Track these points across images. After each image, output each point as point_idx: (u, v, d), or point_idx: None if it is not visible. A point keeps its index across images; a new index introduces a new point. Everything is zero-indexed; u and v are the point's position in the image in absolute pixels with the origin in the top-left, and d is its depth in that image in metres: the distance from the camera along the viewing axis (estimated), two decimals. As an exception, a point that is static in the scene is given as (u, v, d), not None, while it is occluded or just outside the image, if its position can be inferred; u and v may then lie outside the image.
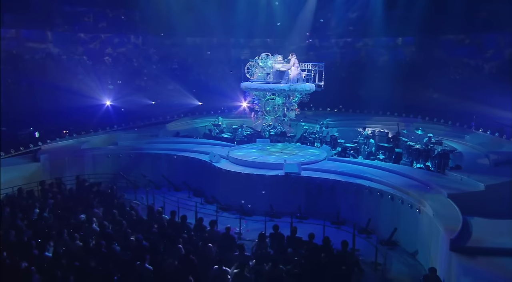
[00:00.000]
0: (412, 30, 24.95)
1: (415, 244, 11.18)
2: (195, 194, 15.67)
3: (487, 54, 26.25)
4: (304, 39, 27.45)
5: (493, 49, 26.14)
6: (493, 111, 19.65)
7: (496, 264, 8.08)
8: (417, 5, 23.51)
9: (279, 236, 10.35)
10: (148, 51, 32.15)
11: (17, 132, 19.98)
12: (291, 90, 14.96)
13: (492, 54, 26.09)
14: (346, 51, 28.14)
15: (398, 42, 27.47)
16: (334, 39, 28.27)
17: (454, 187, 11.76)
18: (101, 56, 30.58)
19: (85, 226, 10.71)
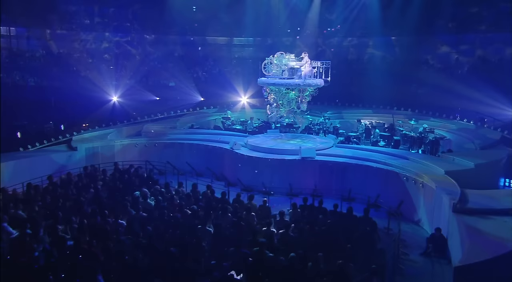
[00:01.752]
0: (401, 30, 27.42)
1: (418, 214, 13.35)
2: (217, 179, 17.47)
3: (464, 54, 29.11)
4: (313, 38, 29.58)
5: (469, 49, 28.98)
6: (471, 104, 22.32)
7: (488, 220, 10.22)
8: (406, 8, 25.91)
9: (308, 206, 12.35)
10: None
11: (43, 126, 21.41)
12: (304, 85, 16.96)
13: (468, 54, 28.99)
14: (339, 50, 30.35)
15: (388, 42, 29.81)
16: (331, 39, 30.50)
17: (449, 166, 13.99)
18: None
19: (140, 201, 12.45)
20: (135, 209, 11.69)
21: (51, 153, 16.70)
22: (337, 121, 21.00)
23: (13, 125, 20.93)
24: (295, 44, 31.20)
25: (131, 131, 20.61)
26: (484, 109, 21.55)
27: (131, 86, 29.94)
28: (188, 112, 24.78)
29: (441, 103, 23.12)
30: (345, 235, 10.32)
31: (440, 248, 11.14)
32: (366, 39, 30.78)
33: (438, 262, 10.83)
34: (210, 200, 12.83)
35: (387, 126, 20.04)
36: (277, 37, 32.78)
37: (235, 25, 33.22)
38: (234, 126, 21.56)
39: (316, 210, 12.06)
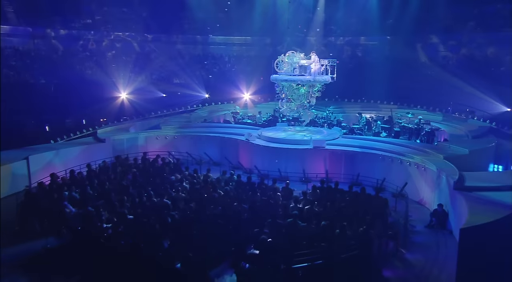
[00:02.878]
0: (395, 30, 29.37)
1: (420, 194, 15.13)
2: (233, 167, 18.99)
3: (451, 52, 31.23)
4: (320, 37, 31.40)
5: (457, 47, 31.11)
6: (462, 98, 24.40)
7: (484, 195, 12.00)
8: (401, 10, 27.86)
9: (326, 188, 14.01)
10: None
11: (65, 121, 22.70)
12: (314, 81, 18.62)
13: (456, 52, 31.12)
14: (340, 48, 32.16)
15: (383, 41, 31.72)
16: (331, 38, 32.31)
17: (446, 152, 15.80)
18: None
19: (177, 184, 13.97)
20: (174, 190, 13.23)
21: (83, 145, 18.08)
22: (340, 115, 22.71)
23: (40, 120, 22.16)
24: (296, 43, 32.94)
25: (149, 125, 22.08)
26: (473, 103, 23.61)
27: (140, 84, 31.32)
28: (197, 108, 26.21)
29: (433, 97, 25.07)
30: (363, 209, 12.01)
31: (441, 221, 12.93)
32: (362, 38, 32.67)
33: (441, 233, 12.61)
34: (239, 183, 14.42)
35: (386, 119, 21.83)
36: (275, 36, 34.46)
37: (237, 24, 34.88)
38: (244, 120, 23.10)
39: (333, 191, 13.73)
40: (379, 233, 10.92)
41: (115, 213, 11.41)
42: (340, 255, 9.60)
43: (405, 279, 10.08)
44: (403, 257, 11.12)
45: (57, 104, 24.94)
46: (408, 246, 11.65)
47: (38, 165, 15.96)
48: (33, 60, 31.12)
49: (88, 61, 32.56)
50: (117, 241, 10.10)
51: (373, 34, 30.97)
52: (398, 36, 30.98)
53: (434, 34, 30.13)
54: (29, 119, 21.98)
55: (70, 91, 27.12)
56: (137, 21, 35.07)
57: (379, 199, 13.12)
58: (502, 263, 9.34)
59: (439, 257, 11.10)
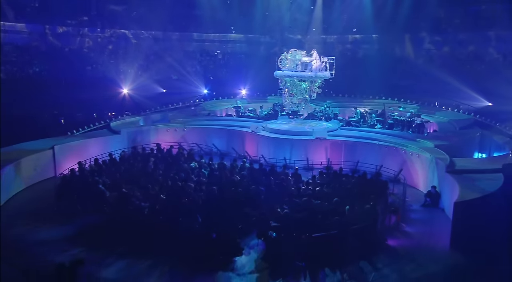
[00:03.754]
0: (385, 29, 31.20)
1: (414, 178, 16.77)
2: (239, 157, 20.36)
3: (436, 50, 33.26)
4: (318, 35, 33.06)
5: (439, 46, 33.16)
6: (448, 93, 26.28)
7: (471, 177, 13.65)
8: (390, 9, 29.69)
9: (332, 173, 15.54)
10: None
11: (76, 114, 23.75)
12: (316, 76, 20.13)
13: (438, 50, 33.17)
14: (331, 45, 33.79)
15: (373, 39, 33.49)
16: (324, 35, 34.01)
17: (436, 141, 17.48)
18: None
19: (196, 170, 15.32)
20: (195, 175, 14.59)
21: (100, 136, 19.28)
22: (337, 109, 24.27)
23: (53, 114, 23.19)
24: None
25: (156, 118, 23.33)
26: (459, 97, 25.53)
27: (141, 79, 32.40)
28: (200, 103, 27.47)
29: (422, 92, 26.88)
30: (367, 189, 13.55)
31: (435, 201, 14.59)
32: (351, 36, 34.42)
33: (434, 210, 14.26)
34: (251, 169, 15.83)
35: (380, 112, 23.47)
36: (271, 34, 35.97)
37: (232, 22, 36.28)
38: (246, 114, 24.48)
39: (339, 175, 15.27)
40: (382, 209, 12.52)
41: (148, 194, 12.73)
42: (351, 226, 11.14)
43: (406, 247, 11.66)
44: (404, 230, 12.74)
45: (66, 99, 25.88)
46: (407, 221, 13.27)
47: (63, 154, 17.13)
48: (44, 56, 32.10)
49: (91, 57, 33.47)
50: (157, 217, 11.45)
51: (364, 32, 32.71)
52: (387, 34, 32.70)
53: (422, 32, 31.98)
54: (44, 113, 22.92)
55: (78, 86, 28.14)
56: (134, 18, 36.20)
57: (379, 182, 14.70)
58: (488, 230, 10.96)
59: (434, 230, 12.74)
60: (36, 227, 12.41)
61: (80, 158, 16.68)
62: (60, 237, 11.78)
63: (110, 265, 10.37)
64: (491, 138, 19.39)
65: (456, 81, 27.12)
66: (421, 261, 10.83)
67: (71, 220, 12.58)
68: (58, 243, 11.47)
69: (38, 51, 33.67)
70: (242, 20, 36.36)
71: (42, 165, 16.52)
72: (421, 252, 11.32)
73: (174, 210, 11.59)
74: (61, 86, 29.51)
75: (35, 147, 16.84)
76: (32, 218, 12.91)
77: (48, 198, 14.04)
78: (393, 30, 31.29)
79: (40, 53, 33.46)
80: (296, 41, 34.18)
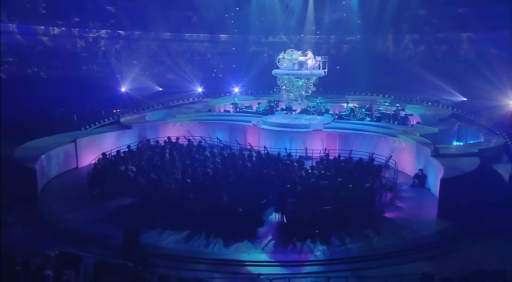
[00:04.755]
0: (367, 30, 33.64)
1: (403, 164, 18.88)
2: (242, 148, 22.11)
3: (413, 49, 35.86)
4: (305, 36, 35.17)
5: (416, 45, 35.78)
6: (425, 89, 28.74)
7: (455, 160, 15.80)
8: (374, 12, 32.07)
9: (332, 160, 17.50)
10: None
11: (84, 111, 25.08)
12: (312, 74, 22.08)
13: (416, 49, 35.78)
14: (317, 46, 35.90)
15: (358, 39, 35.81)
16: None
17: (421, 131, 19.67)
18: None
19: (211, 159, 17.03)
20: (211, 163, 16.33)
21: (114, 130, 20.77)
22: (328, 105, 26.30)
23: (62, 111, 24.46)
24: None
25: (161, 115, 24.87)
26: (438, 93, 28.03)
27: (138, 78, 33.75)
28: (198, 100, 29.10)
29: (404, 88, 29.25)
30: (364, 172, 15.57)
31: (422, 182, 16.71)
32: (340, 37, 36.71)
33: (422, 190, 16.38)
34: (258, 158, 17.64)
35: (367, 107, 25.60)
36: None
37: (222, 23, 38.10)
38: (246, 109, 26.26)
39: (338, 161, 17.25)
40: (379, 188, 14.55)
41: (175, 178, 14.40)
42: (355, 201, 13.10)
43: (401, 218, 13.70)
44: (397, 205, 14.79)
45: (70, 97, 27.11)
46: (399, 198, 15.35)
47: (83, 147, 18.58)
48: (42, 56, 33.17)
49: (89, 57, 34.65)
50: (186, 197, 13.15)
51: (349, 33, 35.02)
52: (371, 34, 35.04)
53: (403, 32, 34.48)
54: (56, 109, 24.15)
55: (77, 85, 29.35)
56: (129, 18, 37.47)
57: (373, 166, 16.74)
58: (468, 202, 13.08)
59: (423, 204, 14.83)
60: (76, 208, 13.93)
61: (99, 150, 18.10)
62: (100, 215, 13.35)
63: (151, 236, 11.99)
64: (467, 128, 21.78)
65: (434, 78, 29.64)
66: (414, 228, 12.88)
67: (106, 202, 14.17)
68: (100, 219, 13.04)
69: (34, 51, 34.66)
70: (233, 21, 38.21)
71: (66, 157, 17.93)
72: (413, 221, 13.38)
73: (202, 191, 13.31)
74: (61, 85, 30.66)
75: (58, 141, 18.23)
76: (70, 202, 14.41)
77: (79, 186, 15.55)
78: (376, 31, 33.65)
79: (38, 53, 34.46)
80: (284, 41, 36.24)
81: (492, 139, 19.07)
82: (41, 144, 17.64)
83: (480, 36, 31.94)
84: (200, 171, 15.44)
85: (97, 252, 10.68)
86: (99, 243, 11.58)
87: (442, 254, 11.22)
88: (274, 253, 11.43)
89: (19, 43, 34.21)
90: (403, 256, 11.18)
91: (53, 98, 26.46)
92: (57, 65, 34.31)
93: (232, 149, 19.94)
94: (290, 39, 36.08)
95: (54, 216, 13.21)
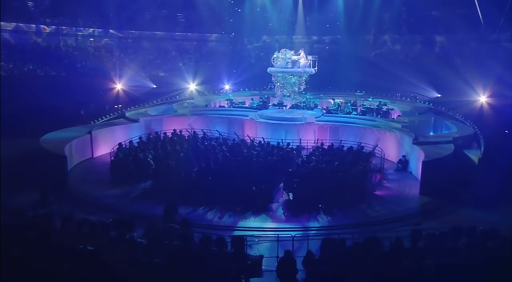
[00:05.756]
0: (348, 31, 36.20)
1: (387, 151, 21.22)
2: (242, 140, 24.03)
3: (389, 49, 38.60)
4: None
5: (391, 45, 38.53)
6: (406, 86, 31.34)
7: (433, 147, 18.19)
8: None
9: (327, 149, 19.65)
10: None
11: (89, 106, 26.53)
12: (304, 72, 24.23)
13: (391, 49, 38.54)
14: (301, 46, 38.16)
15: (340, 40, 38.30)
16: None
17: (403, 123, 22.07)
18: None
19: (219, 148, 18.93)
20: (220, 151, 18.25)
21: (124, 123, 22.38)
22: (317, 101, 28.53)
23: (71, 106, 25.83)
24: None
25: (161, 109, 26.58)
26: (415, 89, 30.75)
27: (133, 76, 35.13)
28: (195, 96, 30.87)
29: (384, 86, 31.80)
30: (356, 157, 17.79)
31: (404, 166, 19.07)
32: (324, 38, 39.14)
33: (405, 173, 18.71)
34: (261, 146, 19.64)
35: (352, 103, 27.95)
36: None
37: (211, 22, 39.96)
38: (239, 105, 28.21)
39: (332, 149, 19.43)
40: (369, 170, 16.79)
41: (191, 163, 16.27)
42: (351, 181, 15.28)
43: (389, 195, 15.97)
44: (385, 185, 17.08)
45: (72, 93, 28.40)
46: (386, 180, 17.65)
47: (97, 138, 20.18)
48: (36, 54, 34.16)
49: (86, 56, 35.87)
50: (205, 178, 15.05)
51: (332, 34, 37.50)
52: (353, 35, 37.57)
53: (382, 34, 37.17)
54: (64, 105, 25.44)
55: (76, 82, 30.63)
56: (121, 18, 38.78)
57: (363, 153, 18.99)
58: (446, 180, 15.44)
59: (406, 184, 17.13)
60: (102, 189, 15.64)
61: (111, 141, 19.85)
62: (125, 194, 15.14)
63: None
64: (442, 120, 24.37)
65: (411, 76, 32.31)
66: (400, 202, 15.17)
67: (128, 185, 15.94)
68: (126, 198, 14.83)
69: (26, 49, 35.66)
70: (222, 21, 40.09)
71: (83, 147, 19.48)
72: (399, 197, 15.68)
73: (219, 172, 15.24)
74: (59, 82, 31.84)
75: (74, 133, 19.75)
76: (95, 185, 16.10)
77: (100, 172, 17.24)
78: (358, 32, 36.20)
79: (30, 51, 35.46)
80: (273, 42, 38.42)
81: (464, 129, 21.67)
82: (59, 136, 19.14)
83: (452, 38, 34.88)
84: (212, 157, 17.34)
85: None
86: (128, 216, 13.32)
87: (425, 220, 13.47)
88: (286, 222, 13.50)
89: (10, 41, 35.23)
90: (393, 222, 13.38)
91: (55, 95, 27.70)
92: (52, 63, 35.30)
93: (234, 140, 21.84)
94: (276, 40, 38.26)
95: (85, 194, 14.90)
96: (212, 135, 23.43)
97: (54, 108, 24.87)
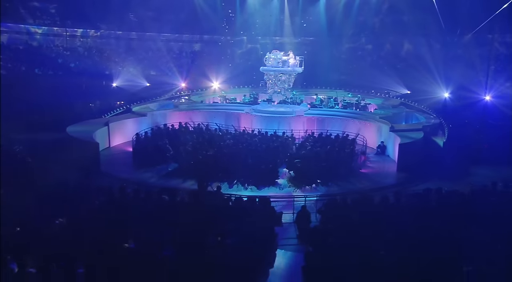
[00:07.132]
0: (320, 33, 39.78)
1: (368, 138, 24.55)
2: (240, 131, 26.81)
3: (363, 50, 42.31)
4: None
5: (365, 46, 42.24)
6: (379, 85, 34.94)
7: (406, 133, 21.57)
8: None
9: (317, 136, 22.77)
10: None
11: (95, 102, 28.73)
12: (293, 71, 27.31)
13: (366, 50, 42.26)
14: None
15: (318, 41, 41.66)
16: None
17: (379, 115, 25.46)
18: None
19: (223, 137, 21.74)
20: (225, 139, 21.09)
21: (133, 117, 24.85)
22: (302, 97, 31.70)
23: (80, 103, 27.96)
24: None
25: (162, 105, 29.09)
26: (388, 86, 34.44)
27: (126, 74, 37.29)
28: (190, 93, 33.47)
29: (360, 84, 35.34)
30: (344, 142, 21.00)
31: (383, 151, 22.44)
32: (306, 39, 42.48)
33: (383, 156, 22.10)
34: (262, 135, 22.56)
35: (334, 98, 31.26)
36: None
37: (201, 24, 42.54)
38: (232, 101, 31.03)
39: (322, 137, 22.57)
40: (355, 152, 20.03)
41: (205, 148, 19.05)
42: (341, 160, 18.46)
43: (372, 172, 19.25)
44: (368, 165, 20.37)
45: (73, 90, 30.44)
46: (369, 161, 20.96)
47: (113, 130, 22.64)
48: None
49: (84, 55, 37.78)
50: (221, 160, 17.87)
51: (313, 35, 40.96)
52: (331, 38, 41.01)
53: (358, 36, 40.85)
54: (75, 101, 27.51)
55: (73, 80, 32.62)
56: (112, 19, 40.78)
57: (348, 140, 22.23)
58: (417, 159, 18.80)
59: (385, 165, 20.50)
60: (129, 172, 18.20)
61: (125, 133, 22.40)
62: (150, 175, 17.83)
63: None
64: (412, 113, 27.98)
65: (384, 75, 35.97)
66: (381, 177, 18.50)
67: (153, 167, 18.60)
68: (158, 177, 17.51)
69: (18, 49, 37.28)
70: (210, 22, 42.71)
71: (102, 138, 21.86)
72: (381, 174, 19.01)
73: (231, 155, 18.09)
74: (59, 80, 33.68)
75: (92, 126, 22.10)
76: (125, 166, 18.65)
77: (122, 158, 19.79)
78: (335, 35, 39.69)
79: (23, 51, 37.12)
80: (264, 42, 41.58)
81: (431, 120, 25.27)
82: (80, 129, 21.44)
83: (419, 40, 38.79)
84: (221, 144, 20.16)
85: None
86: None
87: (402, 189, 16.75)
88: (292, 192, 16.58)
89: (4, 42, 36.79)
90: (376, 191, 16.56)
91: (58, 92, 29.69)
92: (46, 63, 36.96)
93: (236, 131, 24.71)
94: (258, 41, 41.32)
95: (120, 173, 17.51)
96: (211, 128, 26.17)
97: (65, 105, 26.98)
